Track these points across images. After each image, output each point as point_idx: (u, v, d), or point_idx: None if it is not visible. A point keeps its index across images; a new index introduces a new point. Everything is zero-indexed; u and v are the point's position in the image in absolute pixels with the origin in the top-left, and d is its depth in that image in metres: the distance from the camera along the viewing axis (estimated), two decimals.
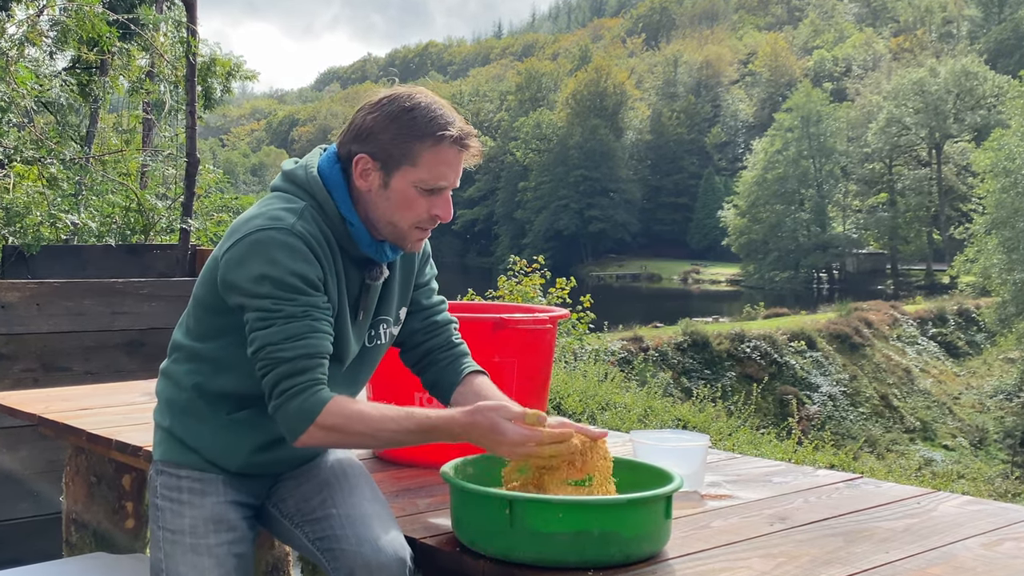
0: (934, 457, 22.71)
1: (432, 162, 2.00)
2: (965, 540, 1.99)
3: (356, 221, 2.05)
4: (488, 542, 1.86)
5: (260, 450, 2.13)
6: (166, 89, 7.45)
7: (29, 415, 3.16)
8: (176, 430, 2.15)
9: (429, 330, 2.30)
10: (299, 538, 2.13)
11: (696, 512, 2.20)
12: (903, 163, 63.96)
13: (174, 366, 2.18)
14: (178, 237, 5.92)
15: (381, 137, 2.01)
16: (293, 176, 2.09)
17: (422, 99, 2.02)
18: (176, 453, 2.15)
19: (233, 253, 1.96)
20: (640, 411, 8.72)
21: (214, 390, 2.10)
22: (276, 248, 1.93)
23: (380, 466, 2.66)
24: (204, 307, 2.09)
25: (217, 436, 2.12)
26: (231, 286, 1.97)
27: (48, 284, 4.78)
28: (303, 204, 2.02)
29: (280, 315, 1.92)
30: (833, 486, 2.46)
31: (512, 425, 1.91)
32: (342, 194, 2.05)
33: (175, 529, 2.09)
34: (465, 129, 2.03)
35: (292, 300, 1.92)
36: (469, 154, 2.05)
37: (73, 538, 3.21)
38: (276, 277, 1.92)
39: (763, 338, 25.75)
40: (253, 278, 1.93)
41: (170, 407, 2.17)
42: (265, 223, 1.96)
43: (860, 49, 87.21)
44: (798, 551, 1.91)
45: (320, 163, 2.09)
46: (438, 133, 1.99)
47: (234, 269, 1.96)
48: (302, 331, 1.92)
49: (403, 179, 2.01)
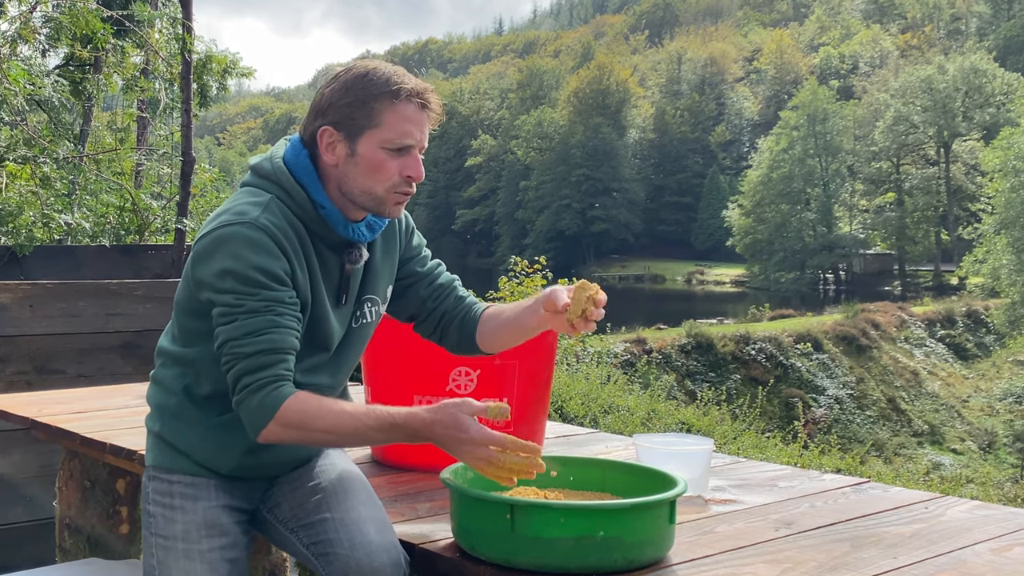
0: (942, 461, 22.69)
1: (394, 120, 2.02)
2: (974, 546, 1.99)
3: (328, 204, 2.07)
4: (489, 547, 1.86)
5: (252, 452, 2.13)
6: (161, 87, 7.44)
7: (22, 418, 3.17)
8: (166, 434, 2.15)
9: (436, 295, 2.32)
10: (294, 543, 2.13)
11: (700, 517, 2.20)
12: (911, 162, 63.98)
13: (162, 371, 2.19)
14: (173, 237, 5.92)
15: (339, 105, 2.04)
16: (259, 169, 2.11)
17: (376, 64, 2.06)
18: (167, 458, 2.15)
19: (198, 249, 2.00)
20: (643, 414, 8.72)
21: (202, 393, 2.11)
22: (239, 243, 1.95)
23: (378, 470, 2.66)
24: (184, 311, 2.12)
25: (207, 439, 2.12)
26: (199, 282, 2.00)
27: (41, 285, 4.79)
28: (269, 196, 2.04)
29: (241, 310, 1.93)
30: (840, 491, 2.46)
31: (475, 422, 1.90)
32: (311, 179, 2.07)
33: (167, 535, 2.08)
34: (422, 85, 2.06)
35: (254, 295, 1.94)
36: (431, 112, 2.07)
37: (67, 543, 3.21)
38: (238, 272, 1.93)
39: (768, 340, 25.75)
40: (216, 273, 1.95)
41: (160, 412, 2.18)
42: (229, 218, 1.99)
43: (867, 46, 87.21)
44: (804, 557, 1.90)
45: (285, 152, 2.11)
46: (394, 88, 2.02)
47: (199, 265, 1.99)
48: (263, 326, 1.93)
49: (368, 143, 2.03)
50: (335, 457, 2.29)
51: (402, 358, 2.64)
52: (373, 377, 2.74)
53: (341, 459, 2.30)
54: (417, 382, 2.62)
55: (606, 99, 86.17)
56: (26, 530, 4.62)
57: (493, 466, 1.89)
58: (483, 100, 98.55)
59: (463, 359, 2.58)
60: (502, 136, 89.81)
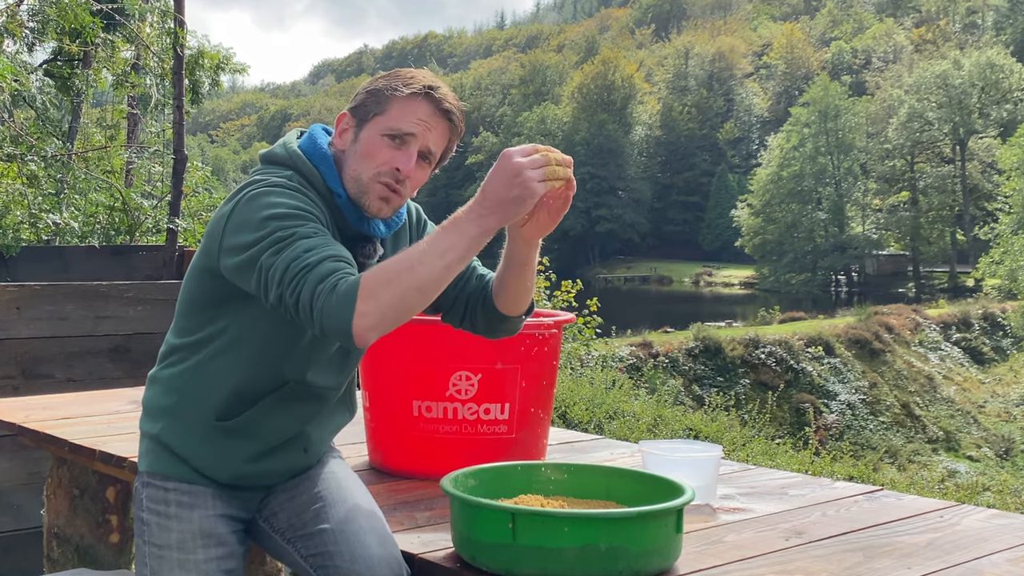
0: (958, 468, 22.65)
1: (400, 110, 2.05)
2: (991, 556, 1.99)
3: (343, 193, 2.08)
4: (490, 557, 1.86)
5: (253, 460, 2.13)
6: (152, 82, 7.45)
7: (9, 424, 3.17)
8: (165, 436, 2.14)
9: (457, 281, 2.22)
10: (291, 554, 2.13)
11: (708, 526, 2.20)
12: (925, 160, 63.94)
13: (166, 371, 2.18)
14: (165, 238, 5.92)
15: (361, 95, 2.09)
16: (271, 155, 2.12)
17: (414, 71, 2.10)
18: (163, 464, 2.14)
19: (233, 219, 1.97)
20: (650, 420, 8.71)
21: (208, 389, 2.10)
22: (273, 195, 1.96)
23: (377, 478, 2.67)
24: (193, 302, 2.11)
25: (208, 444, 2.12)
26: (234, 247, 1.95)
27: (28, 287, 4.79)
28: (290, 172, 2.06)
29: (293, 237, 1.89)
30: (852, 499, 2.46)
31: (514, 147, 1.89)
32: (327, 165, 2.09)
33: (162, 544, 2.09)
34: (446, 92, 2.07)
35: (303, 223, 1.92)
36: (449, 121, 2.08)
37: (55, 553, 3.21)
38: (279, 213, 1.92)
39: (778, 344, 25.71)
40: (258, 223, 1.92)
41: (159, 413, 2.17)
42: (256, 186, 2.00)
43: (880, 40, 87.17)
44: (815, 567, 1.91)
45: (302, 140, 2.14)
46: (412, 84, 2.05)
47: (237, 230, 1.95)
48: (321, 243, 1.89)
49: (372, 128, 2.06)
50: (334, 466, 2.29)
51: (401, 362, 2.64)
52: (372, 382, 2.74)
53: (340, 468, 2.30)
54: (416, 387, 2.63)
55: (611, 95, 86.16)
56: (13, 539, 4.62)
57: (550, 168, 1.87)
58: (484, 96, 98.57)
59: (463, 363, 2.58)
60: (504, 133, 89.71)
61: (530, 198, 1.85)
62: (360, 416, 2.71)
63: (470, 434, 2.62)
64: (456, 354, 2.59)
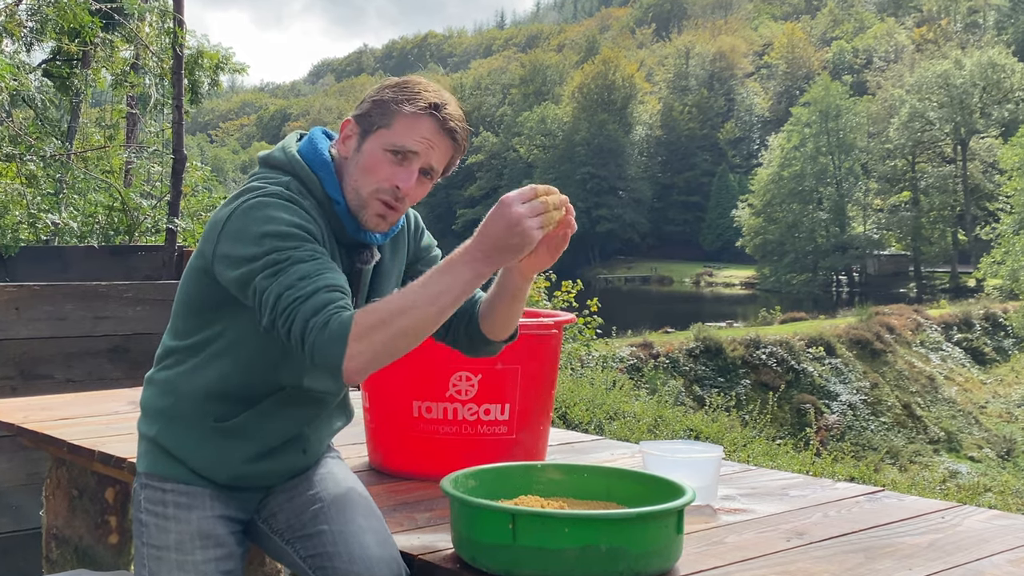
0: (959, 469, 22.65)
1: (405, 126, 2.03)
2: (992, 556, 1.99)
3: (342, 200, 2.08)
4: (490, 558, 1.86)
5: (251, 461, 2.13)
6: (151, 82, 7.45)
7: (8, 425, 3.17)
8: (162, 438, 2.14)
9: None
10: (290, 555, 2.13)
11: (709, 527, 2.20)
12: (926, 160, 63.92)
13: (163, 372, 2.18)
14: (164, 238, 5.92)
15: (367, 103, 2.08)
16: (270, 159, 2.12)
17: (424, 81, 2.09)
18: (161, 465, 2.14)
19: (222, 226, 1.98)
20: (650, 421, 8.71)
21: (204, 392, 2.10)
22: (271, 208, 1.95)
23: (377, 479, 2.67)
24: (190, 304, 2.11)
25: (206, 445, 2.12)
26: (226, 258, 1.96)
27: (27, 287, 4.79)
28: (288, 178, 2.06)
29: (289, 261, 1.90)
30: (853, 500, 2.46)
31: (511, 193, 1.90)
32: (327, 172, 2.09)
33: (160, 545, 2.09)
34: (452, 110, 2.06)
35: (298, 247, 1.92)
36: (452, 140, 2.07)
37: (54, 554, 3.21)
38: (277, 231, 1.92)
39: (779, 344, 25.70)
40: (255, 239, 1.92)
41: (156, 415, 2.17)
42: (255, 194, 1.99)
43: (881, 40, 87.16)
44: (816, 568, 1.91)
45: (301, 144, 2.14)
46: (419, 101, 2.03)
47: (233, 240, 1.96)
48: (315, 269, 1.90)
49: (375, 141, 2.05)
50: (333, 467, 2.29)
51: (401, 363, 2.63)
52: (372, 383, 2.74)
53: (340, 469, 2.30)
54: (416, 387, 2.63)
55: (611, 95, 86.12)
56: (12, 540, 4.62)
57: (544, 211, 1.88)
58: (484, 96, 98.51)
59: (463, 364, 2.58)
60: (504, 133, 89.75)
61: (528, 246, 1.89)
62: (360, 417, 2.72)
63: (470, 435, 2.62)
64: (456, 355, 2.57)
